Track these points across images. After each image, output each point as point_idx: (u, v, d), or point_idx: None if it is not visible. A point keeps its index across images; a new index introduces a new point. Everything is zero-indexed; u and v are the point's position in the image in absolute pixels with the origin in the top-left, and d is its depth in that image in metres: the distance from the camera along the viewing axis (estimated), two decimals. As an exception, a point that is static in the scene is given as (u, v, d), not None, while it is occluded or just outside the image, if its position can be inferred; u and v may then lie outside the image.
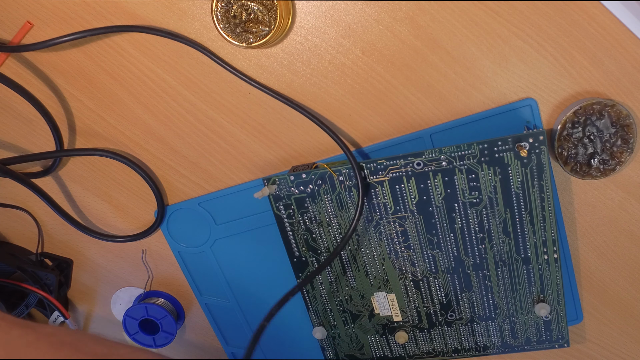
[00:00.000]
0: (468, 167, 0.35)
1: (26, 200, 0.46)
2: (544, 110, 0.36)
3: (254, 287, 0.45)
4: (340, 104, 0.38)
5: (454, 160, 0.35)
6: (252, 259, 0.44)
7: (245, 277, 0.45)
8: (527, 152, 0.34)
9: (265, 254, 0.44)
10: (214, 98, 0.39)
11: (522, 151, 0.34)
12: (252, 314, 0.47)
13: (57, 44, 0.37)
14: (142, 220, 0.45)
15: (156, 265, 0.47)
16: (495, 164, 0.35)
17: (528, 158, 0.35)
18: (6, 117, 0.42)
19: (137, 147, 0.42)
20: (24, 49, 0.37)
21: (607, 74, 0.35)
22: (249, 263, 0.44)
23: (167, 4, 0.36)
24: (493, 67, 0.36)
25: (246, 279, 0.45)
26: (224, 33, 0.35)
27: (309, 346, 0.47)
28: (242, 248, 0.44)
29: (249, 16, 0.34)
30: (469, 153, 0.35)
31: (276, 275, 0.44)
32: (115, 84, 0.39)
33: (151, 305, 0.46)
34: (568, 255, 0.41)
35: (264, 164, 0.41)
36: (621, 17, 0.33)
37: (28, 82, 0.40)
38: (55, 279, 0.45)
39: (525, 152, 0.34)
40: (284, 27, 0.35)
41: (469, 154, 0.35)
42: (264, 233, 0.43)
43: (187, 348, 0.51)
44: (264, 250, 0.43)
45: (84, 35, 0.36)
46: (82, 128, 0.42)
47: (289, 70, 0.37)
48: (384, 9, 0.35)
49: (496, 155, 0.35)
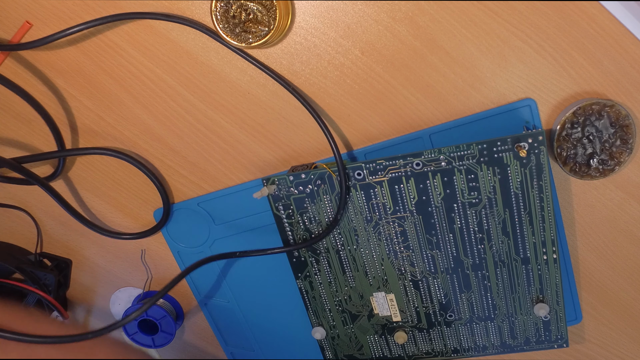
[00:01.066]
0: (467, 168, 0.35)
1: (25, 201, 0.46)
2: (543, 111, 0.36)
3: (253, 287, 0.45)
4: (339, 104, 0.38)
5: (453, 161, 0.35)
6: (251, 259, 0.44)
7: (245, 277, 0.45)
8: (527, 153, 0.34)
9: (264, 254, 0.44)
10: (213, 98, 0.39)
11: (521, 151, 0.34)
12: (251, 315, 0.47)
13: (56, 40, 0.37)
14: (142, 221, 0.45)
15: (155, 266, 0.47)
16: (494, 164, 0.35)
17: (527, 158, 0.35)
18: (6, 117, 0.42)
19: (136, 147, 0.42)
20: (22, 47, 0.37)
21: (606, 74, 0.35)
22: (248, 263, 0.44)
23: (166, 4, 0.36)
24: (492, 68, 0.36)
25: (245, 279, 0.45)
26: (223, 33, 0.35)
27: (307, 346, 0.47)
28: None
29: (248, 16, 0.34)
30: (468, 153, 0.35)
31: (275, 275, 0.44)
32: (115, 84, 0.39)
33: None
34: (567, 255, 0.41)
35: (263, 164, 0.41)
36: (620, 18, 0.33)
37: (27, 82, 0.40)
38: (54, 279, 0.45)
39: (525, 153, 0.34)
40: (283, 27, 0.35)
41: (468, 154, 0.35)
42: (263, 233, 0.43)
43: (186, 348, 0.51)
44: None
45: (82, 29, 0.36)
46: (82, 128, 0.41)
47: (289, 71, 0.37)
48: (383, 9, 0.35)
49: (495, 156, 0.35)
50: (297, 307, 0.45)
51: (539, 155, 0.34)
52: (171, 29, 0.37)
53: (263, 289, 0.45)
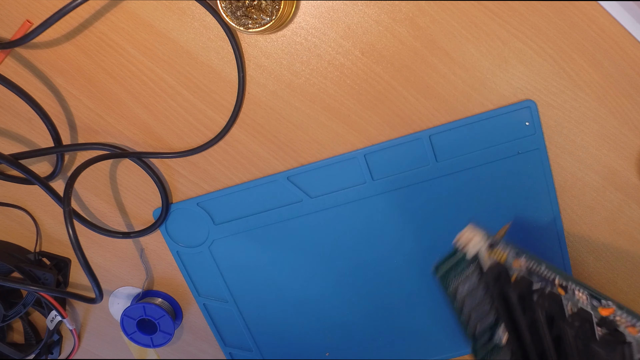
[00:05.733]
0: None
1: (24, 200, 0.46)
2: (543, 112, 0.36)
3: (252, 287, 0.45)
4: (339, 105, 0.38)
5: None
6: (250, 260, 0.44)
7: (244, 277, 0.45)
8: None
9: (263, 254, 0.44)
10: (213, 98, 0.39)
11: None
12: (250, 315, 0.46)
13: (48, 27, 0.36)
14: (141, 220, 0.45)
15: (154, 265, 0.47)
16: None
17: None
18: (6, 116, 0.42)
19: (136, 146, 0.42)
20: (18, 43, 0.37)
21: (606, 76, 0.35)
22: (247, 263, 0.44)
23: (167, 3, 0.36)
24: (492, 69, 0.36)
25: (244, 280, 0.45)
26: (223, 12, 0.34)
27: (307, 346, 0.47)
28: (241, 248, 0.43)
29: (252, 2, 0.34)
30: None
31: (275, 276, 0.44)
32: (114, 83, 0.39)
33: (149, 305, 0.46)
34: (566, 256, 0.41)
35: (263, 164, 0.41)
36: (620, 20, 0.33)
37: (28, 81, 0.40)
38: (53, 278, 0.45)
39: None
40: (284, 20, 0.35)
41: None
42: (263, 233, 0.43)
43: (184, 348, 0.51)
44: (262, 250, 0.43)
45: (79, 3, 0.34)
46: (81, 127, 0.41)
47: (289, 71, 0.37)
48: (384, 10, 0.35)
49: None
50: (296, 307, 0.45)
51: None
52: (172, 29, 0.37)
53: (262, 289, 0.45)
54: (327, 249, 0.43)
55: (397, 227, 0.41)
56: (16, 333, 0.52)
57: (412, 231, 0.41)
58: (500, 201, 0.39)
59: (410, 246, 0.42)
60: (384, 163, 0.39)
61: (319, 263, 0.43)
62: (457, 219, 0.40)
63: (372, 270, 0.43)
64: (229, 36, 0.36)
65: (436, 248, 0.42)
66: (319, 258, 0.43)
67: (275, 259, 0.43)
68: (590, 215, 0.39)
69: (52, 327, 0.47)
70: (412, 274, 0.43)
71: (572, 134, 0.37)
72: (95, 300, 0.40)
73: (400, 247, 0.42)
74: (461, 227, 0.40)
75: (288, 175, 0.40)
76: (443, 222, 0.41)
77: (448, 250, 0.36)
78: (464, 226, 0.40)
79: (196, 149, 0.40)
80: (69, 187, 0.37)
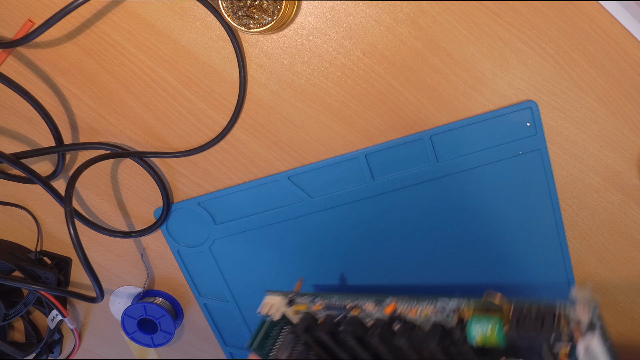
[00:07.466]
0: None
1: (25, 199, 0.46)
2: (544, 113, 0.36)
3: (252, 287, 0.45)
4: (340, 105, 0.38)
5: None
6: (251, 259, 0.44)
7: (244, 277, 0.45)
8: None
9: (264, 254, 0.44)
10: (214, 98, 0.39)
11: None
12: (251, 315, 0.46)
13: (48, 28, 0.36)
14: (142, 220, 0.45)
15: (155, 265, 0.47)
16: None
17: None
18: (7, 115, 0.42)
19: (137, 146, 0.42)
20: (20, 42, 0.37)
21: (607, 76, 0.35)
22: (247, 263, 0.44)
23: (168, 3, 0.36)
24: (493, 69, 0.36)
25: (245, 279, 0.45)
26: (225, 12, 0.34)
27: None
28: (241, 248, 0.44)
29: (254, 2, 0.34)
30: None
31: (275, 276, 0.44)
32: (116, 83, 0.39)
33: (150, 305, 0.46)
34: (567, 257, 0.40)
35: (264, 164, 0.41)
36: (622, 20, 0.33)
37: (29, 80, 0.40)
38: (54, 277, 0.45)
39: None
40: (285, 20, 0.35)
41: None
42: (263, 233, 0.43)
43: (185, 348, 0.51)
44: (263, 250, 0.43)
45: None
46: (82, 126, 0.42)
47: (290, 71, 0.37)
48: (385, 10, 0.35)
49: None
50: (296, 308, 0.45)
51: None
52: (173, 28, 0.37)
53: (262, 289, 0.45)
54: (327, 249, 0.43)
55: (398, 227, 0.41)
56: (17, 332, 0.52)
57: (413, 231, 0.41)
58: (501, 202, 0.39)
59: (411, 246, 0.42)
60: (385, 163, 0.39)
61: (319, 263, 0.43)
62: (458, 219, 0.40)
63: (372, 270, 0.43)
64: (230, 36, 0.36)
65: (437, 248, 0.42)
66: (319, 258, 0.43)
67: (276, 259, 0.43)
68: (591, 216, 0.39)
69: (53, 326, 0.47)
70: (414, 274, 0.43)
71: (573, 135, 0.37)
72: (96, 299, 0.40)
73: (400, 247, 0.42)
74: (461, 227, 0.40)
75: (289, 175, 0.41)
76: (444, 223, 0.41)
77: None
78: (464, 226, 0.40)
79: (197, 148, 0.40)
80: (70, 187, 0.37)
